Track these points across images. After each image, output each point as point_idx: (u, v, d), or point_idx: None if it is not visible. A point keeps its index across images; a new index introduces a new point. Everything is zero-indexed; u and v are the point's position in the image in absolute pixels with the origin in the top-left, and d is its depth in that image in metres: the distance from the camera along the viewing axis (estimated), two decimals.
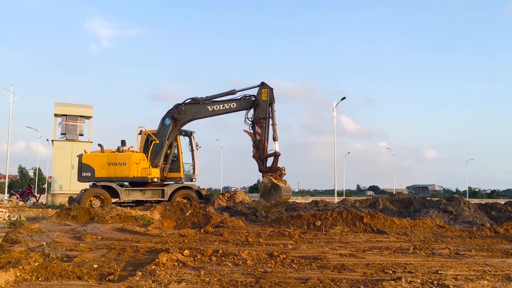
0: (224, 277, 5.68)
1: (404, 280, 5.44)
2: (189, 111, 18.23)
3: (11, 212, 16.76)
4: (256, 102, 17.38)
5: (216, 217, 13.56)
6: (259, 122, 17.23)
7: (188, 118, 18.40)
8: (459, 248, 8.81)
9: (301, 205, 18.76)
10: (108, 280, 5.53)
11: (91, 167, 18.57)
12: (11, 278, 5.19)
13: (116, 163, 18.54)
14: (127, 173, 18.40)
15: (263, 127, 17.23)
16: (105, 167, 18.50)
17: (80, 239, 9.57)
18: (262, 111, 17.25)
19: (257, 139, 17.20)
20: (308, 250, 8.32)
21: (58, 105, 26.74)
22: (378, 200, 19.57)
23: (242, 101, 17.75)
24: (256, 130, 17.31)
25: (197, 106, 18.13)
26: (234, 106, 17.90)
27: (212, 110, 18.05)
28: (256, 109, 17.37)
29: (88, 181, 19.16)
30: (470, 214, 15.75)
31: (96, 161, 18.69)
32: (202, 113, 18.20)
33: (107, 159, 18.60)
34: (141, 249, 7.94)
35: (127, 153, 18.65)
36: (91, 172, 18.52)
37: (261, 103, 17.31)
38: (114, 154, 18.67)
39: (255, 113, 17.35)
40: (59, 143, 26.24)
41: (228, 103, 17.93)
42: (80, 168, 18.64)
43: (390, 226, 12.20)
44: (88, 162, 18.62)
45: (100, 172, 18.49)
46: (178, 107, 18.30)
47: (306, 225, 12.40)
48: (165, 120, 18.60)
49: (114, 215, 13.74)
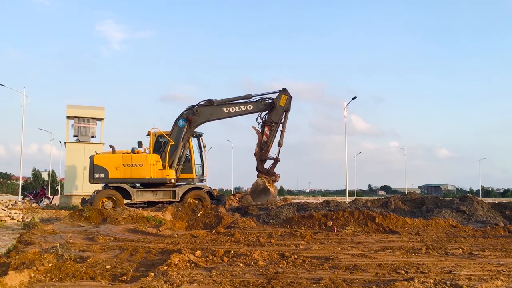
0: (236, 278, 5.69)
1: (417, 281, 5.41)
2: (204, 112, 18.52)
3: (25, 213, 16.95)
4: (272, 105, 17.80)
5: (228, 217, 13.59)
6: (270, 124, 17.67)
7: (202, 119, 18.66)
8: (473, 248, 8.73)
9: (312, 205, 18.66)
10: (121, 281, 5.57)
11: (104, 168, 18.52)
12: (26, 279, 5.25)
13: (132, 164, 18.55)
14: (144, 174, 18.51)
15: (273, 130, 17.72)
16: (119, 168, 18.49)
17: (93, 240, 9.65)
18: (276, 115, 17.71)
19: (263, 139, 17.65)
20: (319, 251, 8.31)
21: (71, 107, 26.96)
22: (390, 200, 19.44)
23: (259, 103, 18.14)
24: (264, 131, 17.72)
25: (212, 108, 18.42)
26: (250, 108, 18.24)
27: (228, 112, 18.35)
28: (271, 111, 17.79)
29: (101, 182, 18.99)
30: (483, 213, 15.59)
31: (110, 162, 18.65)
32: (218, 114, 18.53)
33: (122, 160, 18.59)
34: (153, 250, 7.98)
35: (143, 154, 18.78)
36: (105, 174, 18.47)
37: (278, 107, 17.75)
38: (129, 155, 18.69)
39: (269, 115, 17.77)
40: (72, 145, 26.45)
41: (245, 105, 18.27)
42: (92, 170, 18.59)
43: (402, 226, 12.13)
44: (101, 164, 18.56)
45: (114, 174, 18.47)
46: (193, 109, 18.53)
47: (317, 225, 12.37)
48: (178, 121, 18.77)
49: (126, 216, 13.83)
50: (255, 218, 14.50)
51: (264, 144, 17.77)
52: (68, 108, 26.87)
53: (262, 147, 17.80)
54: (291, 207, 17.09)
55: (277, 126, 17.86)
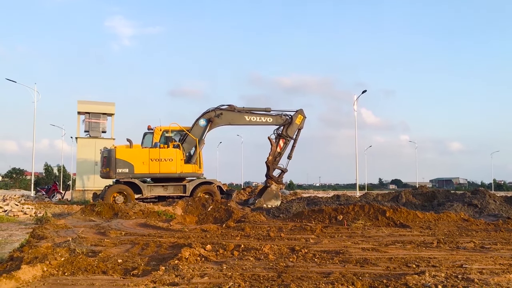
0: (246, 272, 5.70)
1: (428, 274, 5.38)
2: (226, 117, 19.74)
3: (37, 208, 17.13)
4: (289, 122, 20.01)
5: (238, 212, 13.62)
6: (286, 138, 19.98)
7: (223, 123, 19.86)
8: (484, 242, 8.67)
9: (322, 199, 18.65)
10: (132, 275, 5.61)
11: (129, 163, 18.25)
12: (39, 273, 5.31)
13: (160, 159, 18.51)
14: (174, 169, 18.68)
15: (287, 143, 20.04)
16: (146, 163, 18.38)
17: (104, 235, 9.73)
18: (291, 131, 20.03)
19: (277, 150, 19.82)
20: (330, 245, 8.30)
21: (81, 103, 27.11)
22: (401, 193, 19.33)
23: (278, 118, 20.15)
24: (279, 143, 19.91)
25: (234, 114, 19.86)
26: (270, 120, 20.11)
27: (248, 120, 19.95)
28: (287, 127, 20.00)
29: (125, 177, 18.51)
30: (495, 207, 15.45)
31: (136, 157, 18.43)
32: (239, 121, 20.05)
33: (149, 154, 18.52)
34: (164, 244, 8.02)
35: (173, 149, 18.85)
36: (129, 168, 18.22)
37: (293, 125, 20.05)
38: (157, 150, 18.70)
39: (285, 129, 19.98)
40: (83, 141, 26.61)
41: (265, 117, 20.08)
42: (114, 164, 18.11)
43: (413, 220, 12.07)
44: (124, 158, 18.28)
45: (140, 168, 18.31)
46: (215, 111, 19.58)
47: (327, 219, 12.35)
48: (199, 120, 19.56)
49: (137, 211, 13.91)
50: (265, 212, 14.53)
51: (278, 154, 19.91)
52: (78, 103, 27.02)
53: (276, 157, 19.87)
54: (301, 201, 17.09)
55: (290, 141, 20.07)
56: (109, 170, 18.26)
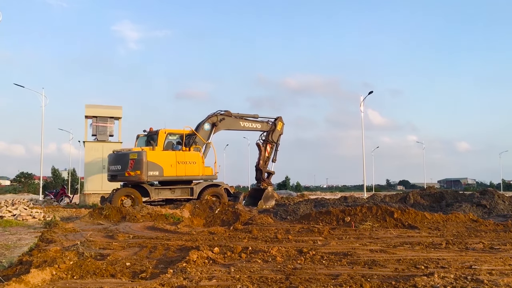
0: (254, 274, 5.70)
1: (437, 276, 5.35)
2: (227, 122, 20.95)
3: (46, 212, 17.23)
4: (273, 128, 22.37)
5: (245, 214, 13.62)
6: (272, 143, 22.34)
7: (224, 127, 20.94)
8: (494, 243, 8.61)
9: (330, 201, 18.63)
10: (141, 278, 5.63)
11: (159, 165, 18.22)
12: (47, 277, 5.34)
13: (186, 161, 18.72)
14: (197, 172, 19.09)
15: (273, 148, 22.36)
16: (174, 166, 18.49)
17: (112, 238, 9.76)
18: (275, 137, 22.49)
19: (265, 155, 22.08)
20: (337, 246, 8.27)
21: (89, 107, 27.23)
22: (409, 194, 19.25)
23: (265, 124, 22.32)
24: (266, 148, 22.17)
25: (233, 120, 21.26)
26: (258, 127, 22.15)
27: (243, 126, 21.64)
28: (272, 133, 22.34)
29: (155, 180, 18.53)
30: (504, 207, 15.34)
31: (165, 159, 18.46)
32: (235, 126, 21.50)
33: (176, 157, 18.64)
34: (172, 247, 8.04)
35: (196, 153, 19.05)
36: (159, 171, 18.19)
37: (276, 131, 22.47)
38: (182, 153, 18.91)
39: (270, 135, 22.34)
40: (90, 144, 26.72)
41: (255, 123, 21.99)
42: (146, 167, 17.85)
43: (421, 221, 12.01)
44: (155, 160, 18.21)
45: (169, 171, 18.40)
46: (218, 116, 20.65)
47: (335, 221, 12.32)
48: (204, 125, 20.23)
49: (145, 214, 13.96)
50: (272, 214, 14.52)
51: (267, 159, 22.31)
52: (86, 107, 27.16)
53: (265, 161, 22.23)
54: (309, 203, 17.06)
55: (276, 145, 22.44)
56: (140, 173, 17.81)
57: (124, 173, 18.15)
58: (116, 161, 18.81)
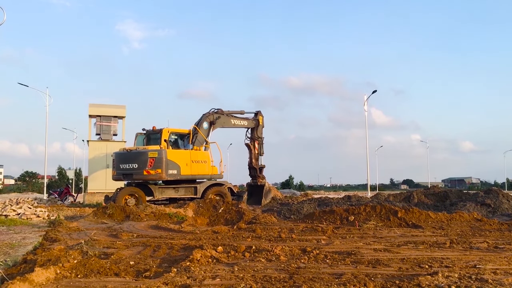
0: (258, 273, 5.70)
1: (441, 275, 5.33)
2: (221, 120, 21.08)
3: (50, 211, 17.28)
4: (257, 124, 22.63)
5: (249, 213, 13.63)
6: (258, 140, 22.69)
7: (219, 125, 21.01)
8: (498, 242, 8.58)
9: (333, 200, 18.60)
10: (145, 277, 5.64)
11: (177, 164, 18.38)
12: (52, 275, 5.35)
13: (198, 160, 19.02)
14: (207, 170, 19.39)
15: (260, 144, 22.85)
16: (189, 165, 18.72)
17: (116, 237, 9.78)
18: (260, 132, 22.86)
19: (256, 153, 22.52)
20: (341, 245, 8.26)
21: (92, 106, 27.26)
22: (413, 193, 19.20)
23: (250, 121, 22.56)
24: (255, 146, 22.58)
25: (226, 117, 21.41)
26: (245, 124, 22.40)
27: (233, 124, 21.92)
28: (255, 129, 22.57)
29: (173, 178, 18.55)
30: (509, 206, 15.27)
31: (182, 158, 18.65)
32: (228, 124, 21.65)
33: (191, 156, 18.83)
34: (176, 246, 8.05)
35: (206, 152, 19.25)
36: (177, 170, 18.36)
37: (259, 127, 22.77)
38: (195, 152, 19.07)
39: (255, 132, 22.58)
40: (94, 144, 26.74)
41: (244, 120, 22.36)
42: (166, 165, 17.92)
43: (425, 220, 11.98)
44: (173, 159, 18.33)
45: (185, 170, 18.61)
46: (214, 114, 20.77)
47: (339, 220, 12.31)
48: (203, 123, 20.18)
49: (148, 213, 13.98)
50: (276, 213, 14.51)
51: (258, 156, 22.78)
52: (90, 107, 27.21)
53: (257, 158, 22.74)
54: (312, 202, 17.03)
55: (260, 140, 22.86)
56: (161, 172, 17.80)
57: (142, 172, 17.95)
58: (130, 159, 18.42)
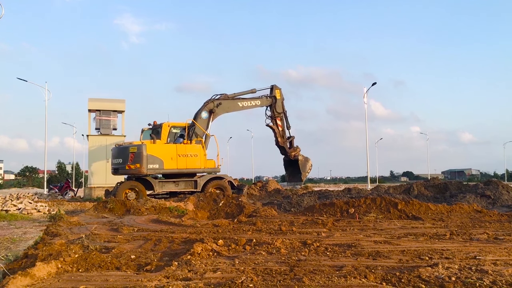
0: (259, 266, 5.71)
1: (441, 266, 5.35)
2: (224, 106, 20.35)
3: (50, 206, 17.29)
4: (274, 101, 21.64)
5: (249, 206, 13.64)
6: (280, 116, 21.77)
7: (222, 112, 20.35)
8: (498, 233, 8.60)
9: (333, 192, 18.63)
10: (146, 270, 5.65)
11: (159, 158, 18.17)
12: (53, 270, 5.36)
13: (187, 154, 18.65)
14: (199, 164, 18.98)
15: (282, 119, 21.88)
16: (174, 159, 18.43)
17: (117, 231, 9.80)
18: (279, 107, 21.77)
19: (280, 130, 21.68)
20: (342, 238, 8.28)
21: (92, 101, 27.20)
22: (413, 185, 19.25)
23: (264, 100, 21.60)
24: (277, 123, 21.73)
25: (229, 102, 20.64)
26: (258, 103, 21.51)
27: (241, 106, 21.02)
28: (274, 106, 21.62)
29: (155, 173, 18.51)
30: (509, 197, 15.31)
31: (165, 152, 18.40)
32: (234, 108, 20.87)
33: (177, 150, 18.57)
34: (176, 240, 8.06)
35: (197, 145, 18.97)
36: (159, 164, 18.14)
37: (277, 101, 21.70)
38: (183, 146, 18.81)
39: (274, 109, 21.64)
40: (94, 138, 26.72)
41: (254, 100, 21.43)
42: (145, 160, 17.77)
43: (425, 212, 12.00)
44: (155, 153, 18.14)
45: (169, 164, 18.35)
46: (214, 102, 20.06)
47: (339, 212, 12.33)
48: (201, 113, 19.77)
49: (149, 207, 14.00)
50: (276, 206, 14.54)
51: (283, 132, 21.77)
52: (89, 101, 27.14)
53: (283, 135, 21.75)
54: (313, 195, 17.08)
55: (285, 115, 21.92)
56: (140, 166, 17.75)
57: (124, 166, 18.17)
58: (118, 154, 18.83)
